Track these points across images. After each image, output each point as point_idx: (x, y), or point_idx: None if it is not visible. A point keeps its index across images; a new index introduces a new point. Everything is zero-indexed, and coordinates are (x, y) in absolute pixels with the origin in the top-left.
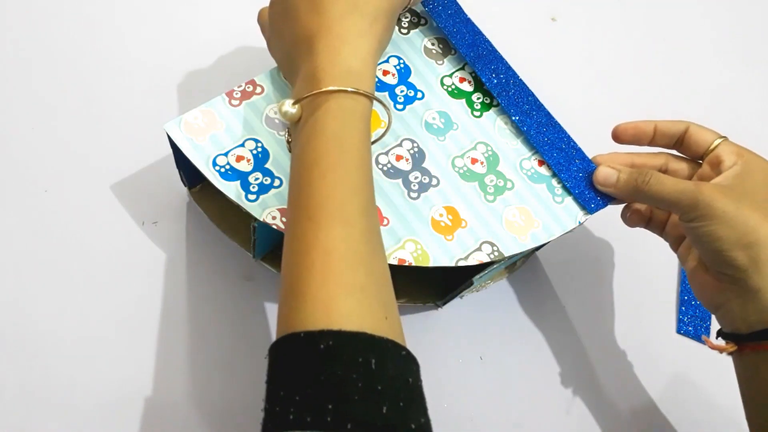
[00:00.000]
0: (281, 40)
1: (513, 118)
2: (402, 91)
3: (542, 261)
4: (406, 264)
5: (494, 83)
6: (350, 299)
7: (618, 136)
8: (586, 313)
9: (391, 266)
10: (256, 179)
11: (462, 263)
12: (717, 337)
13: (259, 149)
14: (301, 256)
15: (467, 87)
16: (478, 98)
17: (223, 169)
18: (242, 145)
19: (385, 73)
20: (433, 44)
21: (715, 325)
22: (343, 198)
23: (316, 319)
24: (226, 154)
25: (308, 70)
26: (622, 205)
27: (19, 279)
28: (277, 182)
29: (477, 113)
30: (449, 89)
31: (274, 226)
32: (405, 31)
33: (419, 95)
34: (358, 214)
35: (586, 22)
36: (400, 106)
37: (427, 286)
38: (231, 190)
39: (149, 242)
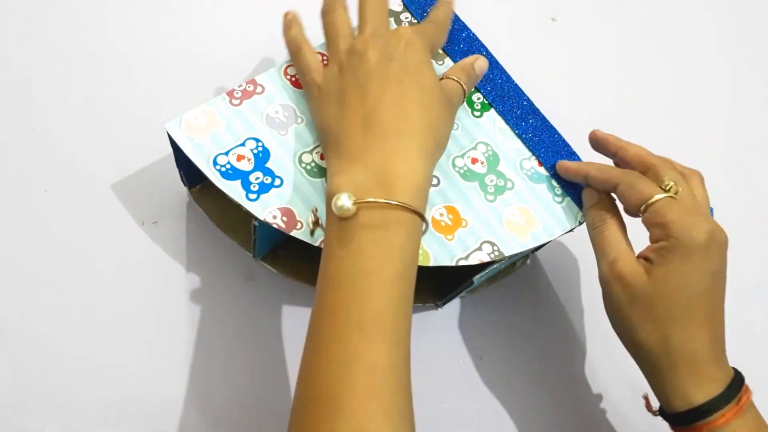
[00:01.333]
0: (344, 113)
1: (509, 123)
2: None
3: (542, 261)
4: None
5: (488, 89)
6: (389, 423)
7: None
8: (586, 313)
9: None
10: (257, 179)
11: (462, 263)
12: None
13: (260, 149)
14: (343, 367)
15: None
16: (479, 98)
17: (223, 169)
18: (243, 144)
19: None
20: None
21: None
22: (396, 315)
23: None
24: (226, 154)
25: (378, 166)
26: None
27: (19, 279)
28: (277, 182)
29: (477, 113)
30: None
31: (275, 226)
32: None
33: None
34: (406, 333)
35: (586, 22)
36: None
37: (428, 286)
38: (231, 189)
39: (149, 242)
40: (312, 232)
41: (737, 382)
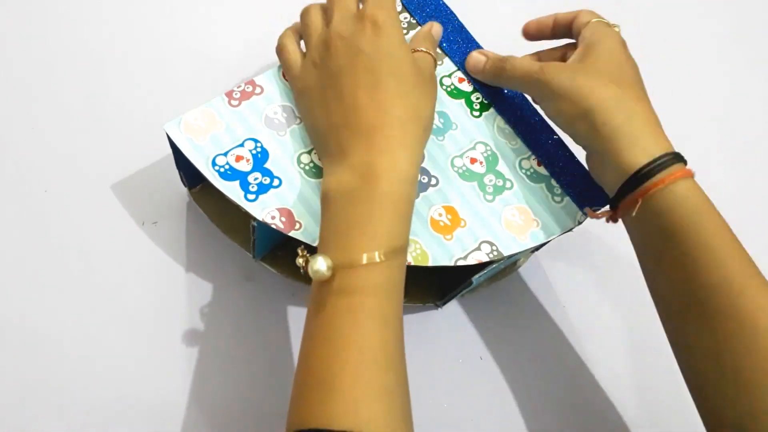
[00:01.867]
0: (326, 114)
1: (508, 122)
2: None
3: (542, 261)
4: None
5: (488, 89)
6: (378, 403)
7: (525, 33)
8: (586, 313)
9: None
10: (256, 179)
11: (461, 263)
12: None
13: (259, 149)
14: (334, 349)
15: (466, 87)
16: (477, 98)
17: (222, 169)
18: (242, 145)
19: None
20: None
21: None
22: (385, 296)
23: (343, 418)
24: (225, 154)
25: (363, 161)
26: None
27: (19, 279)
28: (276, 182)
29: (476, 113)
30: (448, 89)
31: (273, 226)
32: (405, 31)
33: None
34: (394, 315)
35: None
36: None
37: (427, 286)
38: (230, 190)
39: (149, 242)
40: (303, 271)
41: (681, 156)
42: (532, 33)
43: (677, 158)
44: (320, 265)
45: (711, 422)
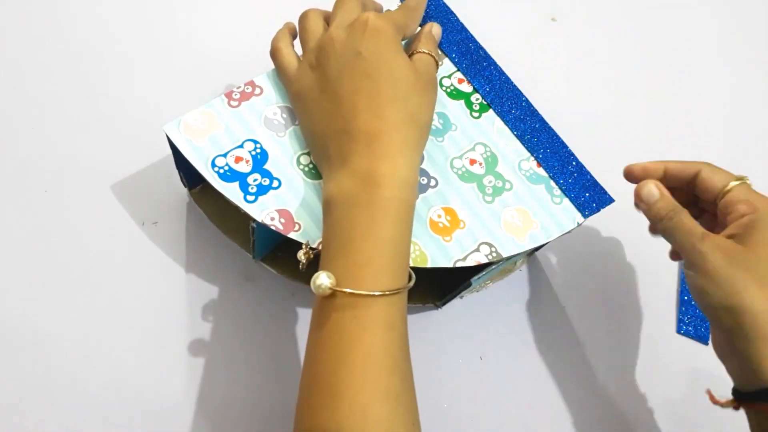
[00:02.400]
0: (324, 118)
1: (507, 123)
2: None
3: (542, 261)
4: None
5: (487, 90)
6: (386, 406)
7: (628, 177)
8: (586, 313)
9: None
10: (255, 180)
11: (460, 264)
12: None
13: (258, 150)
14: (341, 354)
15: (466, 88)
16: (477, 99)
17: (222, 170)
18: (241, 146)
19: None
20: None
21: None
22: (390, 302)
23: (351, 422)
24: (225, 155)
25: (364, 167)
26: (623, 207)
27: (19, 279)
28: (275, 183)
29: (476, 114)
30: (448, 90)
31: (273, 227)
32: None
33: None
34: (399, 319)
35: (586, 22)
36: None
37: (427, 286)
38: (230, 191)
39: (149, 242)
40: (304, 267)
41: None
42: (636, 179)
43: None
44: (323, 280)
45: None
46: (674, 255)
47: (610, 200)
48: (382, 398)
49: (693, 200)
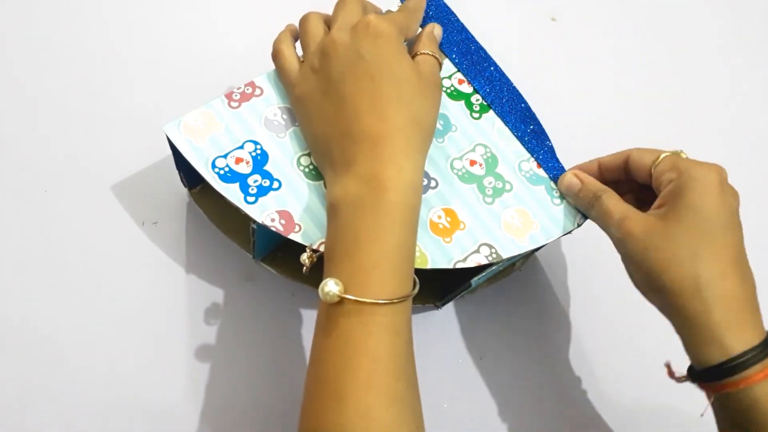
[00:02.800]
0: (327, 121)
1: (507, 124)
2: None
3: (542, 261)
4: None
5: (487, 91)
6: (390, 410)
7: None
8: (586, 313)
9: None
10: (255, 181)
11: (460, 265)
12: None
13: (258, 151)
14: (346, 358)
15: (466, 88)
16: (477, 100)
17: (222, 171)
18: (241, 147)
19: None
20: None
21: None
22: (396, 308)
23: (356, 425)
24: (225, 156)
25: (369, 171)
26: None
27: (19, 279)
28: (276, 184)
29: (476, 115)
30: (448, 91)
31: (273, 229)
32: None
33: None
34: (405, 324)
35: (586, 22)
36: None
37: (427, 286)
38: (230, 192)
39: (149, 242)
40: (307, 271)
41: None
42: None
43: (762, 353)
44: (331, 287)
45: None
46: None
47: None
48: (387, 402)
49: (640, 188)
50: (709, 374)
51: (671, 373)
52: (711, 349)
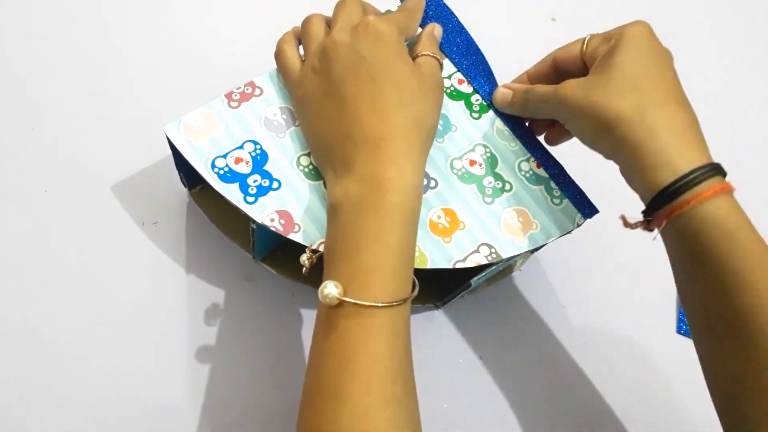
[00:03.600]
0: (327, 122)
1: (507, 124)
2: None
3: (541, 261)
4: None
5: (487, 91)
6: (388, 411)
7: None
8: (586, 313)
9: None
10: (255, 181)
11: (459, 265)
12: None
13: (258, 151)
14: (345, 359)
15: (466, 88)
16: (477, 100)
17: (221, 171)
18: (241, 147)
19: None
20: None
21: None
22: (395, 310)
23: (353, 426)
24: (224, 156)
25: (370, 172)
26: (623, 207)
27: (19, 279)
28: (275, 184)
29: (476, 115)
30: (448, 91)
31: (273, 229)
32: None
33: None
34: (403, 326)
35: (586, 22)
36: None
37: (427, 286)
38: (229, 192)
39: (149, 242)
40: (307, 271)
41: (719, 166)
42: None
43: (709, 172)
44: (331, 290)
45: None
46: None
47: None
48: (384, 404)
49: None
50: (662, 199)
51: (627, 223)
52: (661, 172)
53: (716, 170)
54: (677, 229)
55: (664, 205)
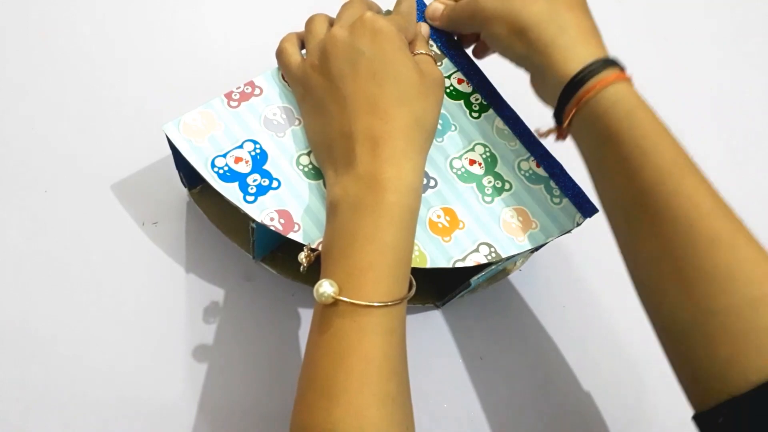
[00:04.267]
0: (328, 120)
1: (507, 123)
2: None
3: (541, 261)
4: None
5: (487, 90)
6: (382, 410)
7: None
8: (586, 313)
9: None
10: (255, 181)
11: (459, 264)
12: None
13: (258, 151)
14: (340, 357)
15: (465, 88)
16: (476, 99)
17: (221, 171)
18: (241, 146)
19: None
20: (431, 45)
21: None
22: (390, 309)
23: (347, 425)
24: (224, 156)
25: (369, 171)
26: None
27: (19, 279)
28: (275, 184)
29: (475, 114)
30: (447, 90)
31: (272, 228)
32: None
33: None
34: (399, 324)
35: None
36: None
37: (427, 286)
38: (229, 191)
39: (149, 242)
40: (305, 270)
41: (618, 61)
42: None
43: (609, 63)
44: (326, 288)
45: (661, 328)
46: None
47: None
48: (378, 402)
49: None
50: (571, 87)
51: (540, 133)
52: (570, 64)
53: (615, 63)
54: (584, 119)
55: (573, 94)
